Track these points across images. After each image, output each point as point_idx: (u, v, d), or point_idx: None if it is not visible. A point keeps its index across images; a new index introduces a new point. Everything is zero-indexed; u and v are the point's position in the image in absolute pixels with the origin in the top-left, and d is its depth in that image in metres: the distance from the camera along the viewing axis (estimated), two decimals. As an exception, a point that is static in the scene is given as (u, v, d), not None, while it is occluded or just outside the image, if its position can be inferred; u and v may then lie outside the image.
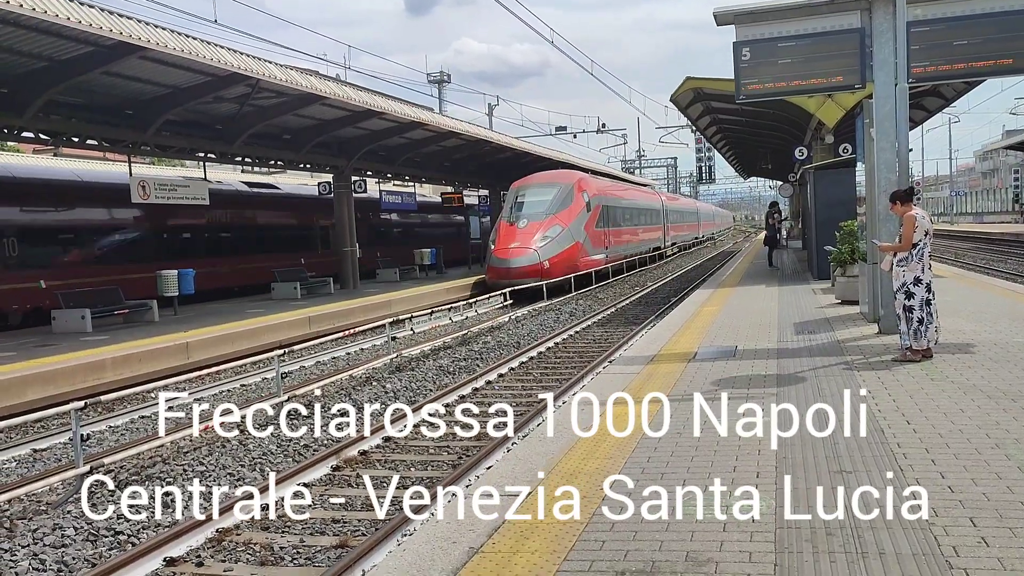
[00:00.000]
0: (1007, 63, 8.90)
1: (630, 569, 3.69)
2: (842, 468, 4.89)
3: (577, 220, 26.93)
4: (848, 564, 3.58)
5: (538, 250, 24.64)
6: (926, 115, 27.03)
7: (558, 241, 25.45)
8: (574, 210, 26.87)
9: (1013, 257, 32.87)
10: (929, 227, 8.29)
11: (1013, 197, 76.67)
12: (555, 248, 25.24)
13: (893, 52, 9.21)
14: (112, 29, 12.23)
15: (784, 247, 33.70)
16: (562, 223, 26.07)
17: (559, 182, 27.72)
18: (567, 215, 26.47)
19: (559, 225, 25.90)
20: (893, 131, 9.41)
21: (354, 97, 19.17)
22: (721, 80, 20.27)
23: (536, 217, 25.91)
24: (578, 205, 27.17)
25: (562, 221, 26.13)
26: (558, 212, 26.23)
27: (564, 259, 25.54)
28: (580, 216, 27.19)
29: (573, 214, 26.75)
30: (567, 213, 26.50)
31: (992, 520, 3.98)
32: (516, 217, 26.07)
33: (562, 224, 26.03)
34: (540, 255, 24.59)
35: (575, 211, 26.90)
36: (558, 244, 25.37)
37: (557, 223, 25.94)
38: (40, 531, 6.58)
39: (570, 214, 26.61)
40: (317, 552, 6.12)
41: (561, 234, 25.77)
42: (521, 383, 12.19)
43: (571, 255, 26.14)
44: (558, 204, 26.42)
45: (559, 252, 25.33)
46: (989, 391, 6.64)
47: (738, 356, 9.19)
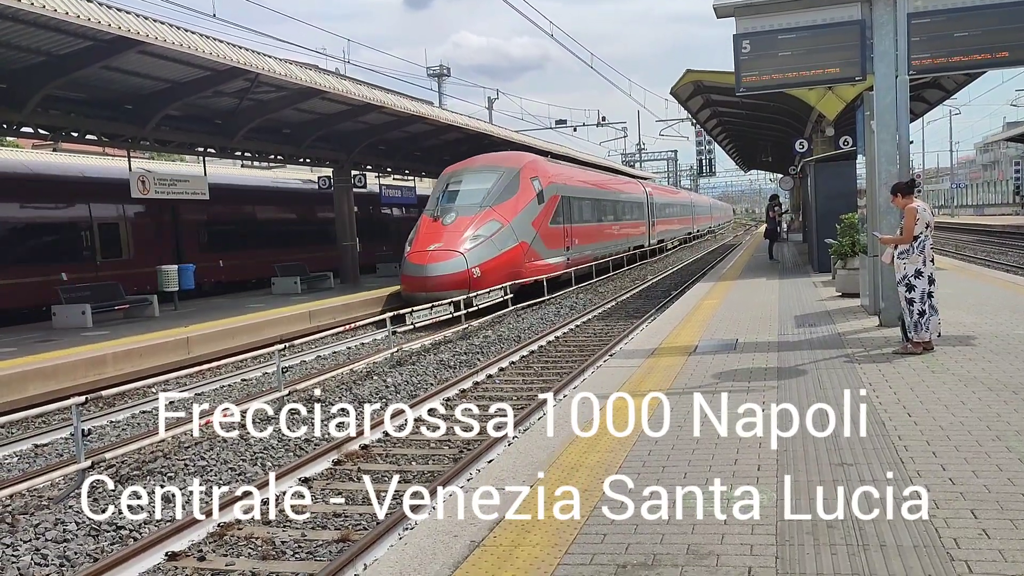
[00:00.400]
0: (1003, 56, 8.88)
1: (631, 562, 3.70)
2: (843, 460, 4.89)
3: (523, 214, 21.83)
4: (849, 556, 3.58)
5: (466, 253, 19.45)
6: (927, 107, 27.03)
7: (495, 241, 20.29)
8: (520, 201, 21.86)
9: (1014, 249, 32.84)
10: (930, 219, 8.27)
11: (1014, 189, 76.61)
12: (490, 250, 20.00)
13: (894, 44, 9.18)
14: (111, 24, 12.21)
15: (784, 240, 33.71)
16: (502, 218, 20.96)
17: (501, 166, 22.54)
18: (510, 207, 21.39)
19: (497, 220, 20.77)
20: (894, 123, 9.39)
21: (353, 91, 19.14)
22: (721, 73, 20.28)
23: (468, 210, 20.75)
24: (526, 195, 22.18)
25: (502, 215, 21.03)
26: (497, 204, 21.16)
27: (503, 264, 20.35)
28: (528, 209, 22.13)
29: (518, 206, 21.69)
30: (510, 205, 21.45)
31: (993, 512, 3.98)
32: (443, 211, 20.93)
33: (502, 219, 20.90)
34: (468, 259, 19.33)
35: (521, 203, 21.88)
36: (494, 245, 20.21)
37: (495, 218, 20.77)
38: (42, 526, 6.59)
39: (514, 206, 21.57)
40: (318, 546, 6.13)
41: (499, 232, 20.55)
42: (522, 377, 12.20)
43: (513, 259, 20.91)
44: (498, 194, 21.40)
45: (496, 255, 20.09)
46: (990, 383, 6.63)
47: (739, 349, 9.19)
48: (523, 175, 22.54)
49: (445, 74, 53.34)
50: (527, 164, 23.20)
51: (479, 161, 23.07)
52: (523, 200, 22.03)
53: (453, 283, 18.74)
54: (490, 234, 20.23)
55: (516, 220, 21.38)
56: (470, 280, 18.98)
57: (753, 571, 3.50)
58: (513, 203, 21.60)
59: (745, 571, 3.51)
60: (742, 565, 3.57)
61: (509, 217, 21.16)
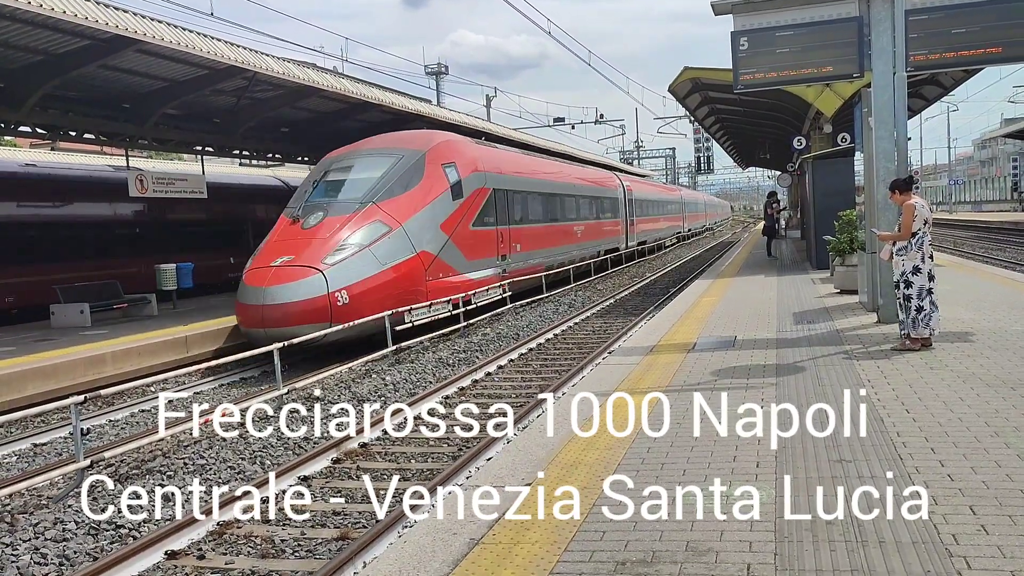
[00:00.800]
0: (1000, 52, 8.88)
1: (630, 559, 3.70)
2: (842, 458, 4.89)
3: (426, 213, 15.72)
4: (848, 553, 3.58)
5: (327, 270, 13.32)
6: (925, 104, 27.03)
7: (375, 252, 14.17)
8: (422, 195, 15.77)
9: (1012, 245, 32.87)
10: (928, 216, 8.28)
11: (1012, 185, 76.69)
12: (368, 265, 13.96)
13: (891, 41, 9.19)
14: (108, 23, 12.19)
15: (783, 237, 33.73)
16: (391, 218, 14.81)
17: (399, 148, 16.52)
18: (405, 204, 15.28)
19: (382, 222, 14.64)
20: (892, 120, 9.40)
21: (352, 90, 19.12)
22: (719, 70, 20.25)
23: (343, 208, 14.73)
24: (433, 186, 16.15)
25: (392, 215, 14.88)
26: (386, 199, 15.07)
27: (390, 285, 14.24)
28: (435, 206, 16.06)
29: (418, 202, 15.59)
30: (405, 200, 15.34)
31: (992, 508, 3.99)
32: (306, 209, 14.93)
33: (390, 220, 14.77)
34: (330, 280, 13.24)
35: (424, 197, 15.79)
36: (373, 257, 14.11)
37: (380, 218, 14.66)
38: (41, 525, 6.58)
39: (412, 202, 15.45)
40: (318, 544, 6.13)
41: (385, 239, 14.46)
42: (521, 374, 12.20)
43: (407, 276, 14.82)
44: (389, 185, 15.36)
45: (376, 272, 14.03)
46: (988, 379, 6.64)
47: (737, 346, 9.19)
48: (430, 160, 16.43)
49: (443, 72, 53.28)
50: (437, 146, 17.08)
51: (371, 143, 17.22)
52: (428, 194, 15.97)
53: (304, 314, 12.85)
54: (368, 241, 14.15)
55: (413, 221, 15.22)
56: (331, 310, 13.06)
57: (752, 568, 3.51)
58: (410, 198, 15.52)
59: (744, 568, 3.51)
60: (741, 562, 3.58)
61: (402, 217, 15.00)
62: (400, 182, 15.57)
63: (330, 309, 13.09)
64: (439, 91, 52.11)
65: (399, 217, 14.98)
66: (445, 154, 17.18)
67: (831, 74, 9.82)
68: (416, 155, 16.32)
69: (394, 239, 14.66)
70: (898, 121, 9.38)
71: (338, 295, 13.21)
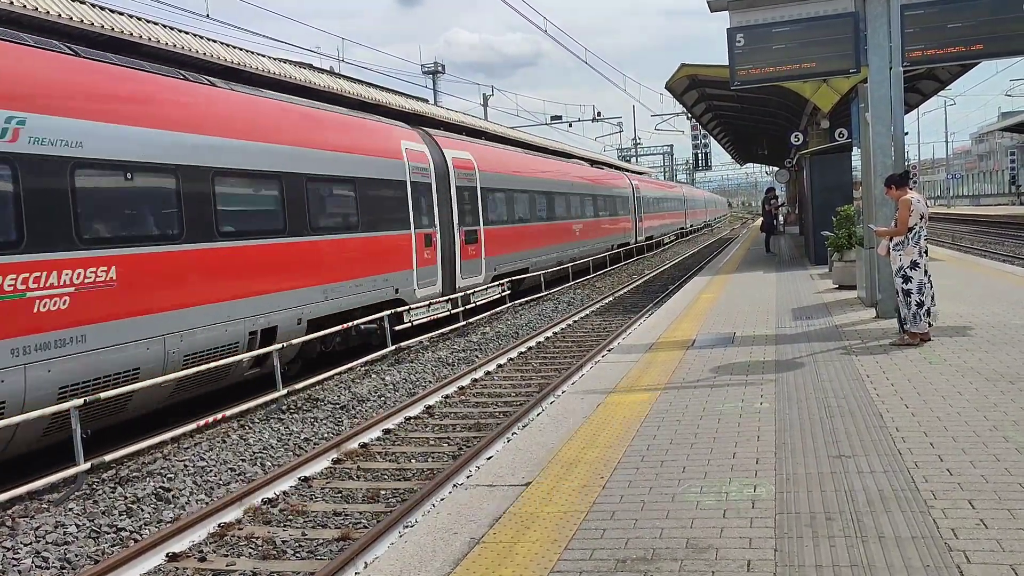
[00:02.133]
0: (997, 46, 8.91)
1: (631, 557, 3.71)
2: (841, 453, 4.90)
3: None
4: (848, 548, 3.59)
5: None
6: (921, 98, 27.01)
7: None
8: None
9: (1010, 239, 32.88)
10: (925, 211, 8.29)
11: (1010, 179, 76.75)
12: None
13: (887, 36, 9.20)
14: (103, 25, 12.17)
15: (781, 233, 33.74)
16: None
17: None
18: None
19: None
20: (888, 115, 9.41)
21: (348, 90, 19.09)
22: (716, 67, 20.23)
23: None
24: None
25: None
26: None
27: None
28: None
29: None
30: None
31: (991, 502, 3.99)
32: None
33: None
34: None
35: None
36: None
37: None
38: (42, 529, 6.58)
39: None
40: (319, 545, 6.14)
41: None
42: (520, 373, 12.21)
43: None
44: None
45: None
46: (987, 374, 6.65)
47: (736, 343, 9.20)
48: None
49: (440, 71, 53.23)
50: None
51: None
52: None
53: None
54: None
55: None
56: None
57: (752, 564, 3.51)
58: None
59: (744, 564, 3.52)
60: (741, 558, 3.58)
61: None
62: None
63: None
64: (436, 90, 52.08)
65: None
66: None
67: (827, 70, 9.85)
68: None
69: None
70: (895, 116, 9.39)
71: None
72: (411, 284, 14.58)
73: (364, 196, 13.21)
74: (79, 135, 8.07)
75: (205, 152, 9.79)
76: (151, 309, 8.71)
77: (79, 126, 8.09)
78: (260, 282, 10.48)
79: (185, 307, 9.20)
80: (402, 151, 14.88)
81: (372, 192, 13.51)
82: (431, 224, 15.56)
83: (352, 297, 12.55)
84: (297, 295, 11.16)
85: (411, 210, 14.68)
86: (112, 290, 8.23)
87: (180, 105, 9.78)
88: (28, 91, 7.70)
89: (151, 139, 9.00)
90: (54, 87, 8.09)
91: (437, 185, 15.92)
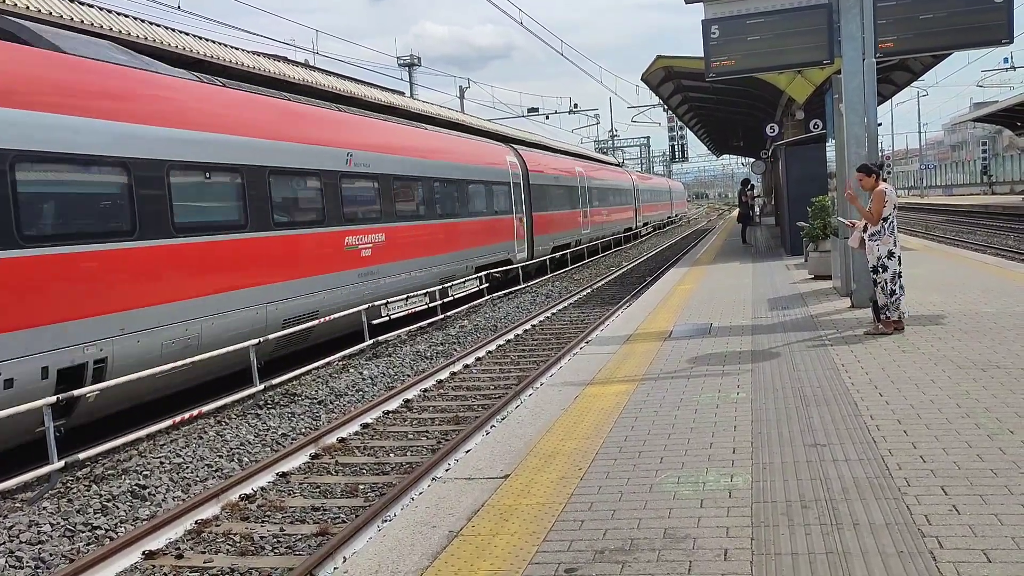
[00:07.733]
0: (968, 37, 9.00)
1: (609, 547, 3.72)
2: (816, 442, 4.94)
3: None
4: (823, 536, 3.62)
5: None
6: (895, 89, 27.26)
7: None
8: None
9: (981, 229, 33.30)
10: (896, 200, 8.40)
11: (981, 169, 77.67)
12: None
13: (860, 27, 9.26)
14: (72, 18, 12.00)
15: (757, 224, 33.96)
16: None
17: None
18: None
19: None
20: (862, 106, 9.48)
21: (324, 83, 18.97)
22: (691, 58, 20.31)
23: None
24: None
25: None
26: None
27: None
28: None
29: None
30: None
31: (963, 488, 4.04)
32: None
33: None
34: None
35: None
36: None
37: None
38: (16, 528, 6.50)
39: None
40: (297, 540, 6.11)
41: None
42: (499, 366, 12.20)
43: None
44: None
45: None
46: (959, 361, 6.74)
47: (713, 333, 9.25)
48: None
49: (416, 64, 52.94)
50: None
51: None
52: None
53: None
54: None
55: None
56: None
57: (729, 553, 3.54)
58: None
59: (721, 553, 3.54)
60: (718, 547, 3.61)
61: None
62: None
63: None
64: (412, 83, 51.81)
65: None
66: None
67: (802, 61, 9.91)
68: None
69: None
70: (868, 107, 9.47)
71: None
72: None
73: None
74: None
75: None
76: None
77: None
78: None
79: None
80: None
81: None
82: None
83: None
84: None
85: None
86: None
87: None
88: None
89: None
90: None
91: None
